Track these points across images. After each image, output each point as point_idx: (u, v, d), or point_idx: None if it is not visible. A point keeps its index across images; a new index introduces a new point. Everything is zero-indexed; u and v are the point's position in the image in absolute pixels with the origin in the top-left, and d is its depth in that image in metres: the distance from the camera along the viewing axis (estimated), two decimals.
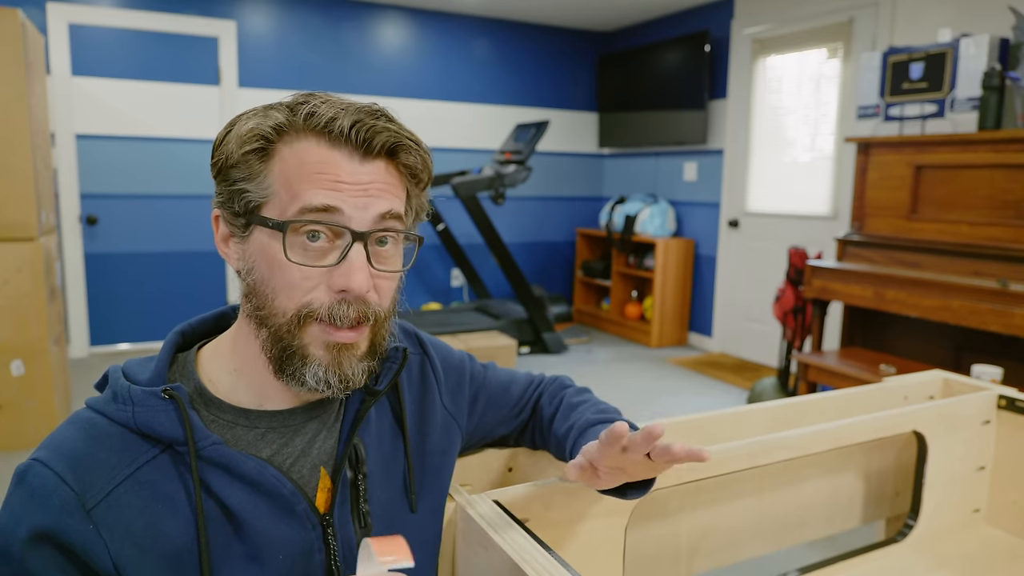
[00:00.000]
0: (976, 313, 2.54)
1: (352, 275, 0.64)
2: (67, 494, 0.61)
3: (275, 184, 0.65)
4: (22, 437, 2.94)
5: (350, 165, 0.65)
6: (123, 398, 0.66)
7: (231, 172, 0.66)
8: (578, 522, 0.86)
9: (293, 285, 0.65)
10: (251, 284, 0.68)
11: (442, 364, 0.88)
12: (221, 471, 0.66)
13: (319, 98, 0.67)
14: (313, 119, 0.65)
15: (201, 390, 0.70)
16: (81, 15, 4.21)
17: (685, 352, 5.00)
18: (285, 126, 0.66)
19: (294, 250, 0.64)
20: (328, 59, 4.90)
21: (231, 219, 0.68)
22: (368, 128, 0.65)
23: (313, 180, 0.64)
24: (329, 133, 0.65)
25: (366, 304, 0.67)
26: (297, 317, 0.66)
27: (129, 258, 4.50)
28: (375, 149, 0.66)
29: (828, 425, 1.05)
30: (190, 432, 0.65)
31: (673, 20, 5.19)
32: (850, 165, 3.82)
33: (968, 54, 2.74)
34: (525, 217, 5.78)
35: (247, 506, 0.66)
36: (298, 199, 0.64)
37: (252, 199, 0.66)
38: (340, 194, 0.64)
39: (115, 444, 0.65)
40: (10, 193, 2.85)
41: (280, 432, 0.71)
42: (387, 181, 0.67)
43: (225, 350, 0.73)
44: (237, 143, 0.66)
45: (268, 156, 0.66)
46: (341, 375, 0.67)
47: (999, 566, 1.18)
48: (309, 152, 0.65)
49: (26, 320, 2.91)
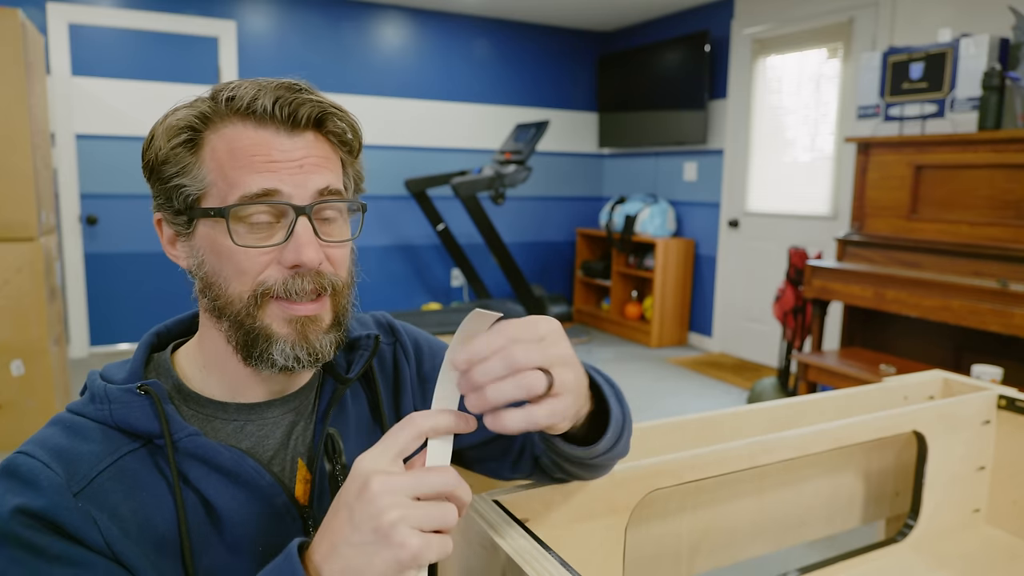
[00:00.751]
0: (976, 313, 2.54)
1: (302, 249, 0.64)
2: (54, 478, 0.61)
3: (210, 174, 0.65)
4: (22, 437, 2.92)
5: (279, 141, 0.65)
6: (100, 397, 0.66)
7: (164, 169, 0.66)
8: (578, 522, 0.86)
9: (244, 269, 0.65)
10: (203, 278, 0.68)
11: (415, 350, 0.85)
12: (199, 463, 0.66)
13: (235, 83, 0.67)
14: (234, 102, 0.65)
15: (179, 386, 0.71)
16: (81, 15, 4.21)
17: (685, 352, 5.00)
18: (209, 114, 0.66)
19: (240, 234, 0.64)
20: (328, 59, 4.90)
21: (173, 219, 0.68)
22: (291, 102, 0.65)
23: (247, 165, 0.64)
24: (253, 113, 0.64)
25: (321, 276, 0.67)
26: (254, 298, 0.65)
27: (129, 258, 4.50)
28: (301, 121, 0.65)
29: (828, 425, 1.04)
30: (165, 424, 0.65)
31: (673, 20, 5.19)
32: (850, 165, 3.82)
33: (968, 54, 2.74)
34: (525, 217, 5.78)
35: (225, 498, 0.66)
36: (236, 187, 0.64)
37: (190, 192, 0.66)
38: (276, 174, 0.64)
39: (96, 436, 0.65)
40: (10, 193, 2.85)
41: (258, 425, 0.72)
42: (319, 154, 0.67)
43: (194, 348, 0.73)
44: (164, 137, 0.66)
45: (197, 146, 0.66)
46: (309, 348, 0.67)
47: (999, 566, 1.18)
48: (238, 136, 0.65)
49: (26, 320, 2.91)
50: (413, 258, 5.43)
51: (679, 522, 1.06)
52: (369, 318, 0.85)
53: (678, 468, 0.91)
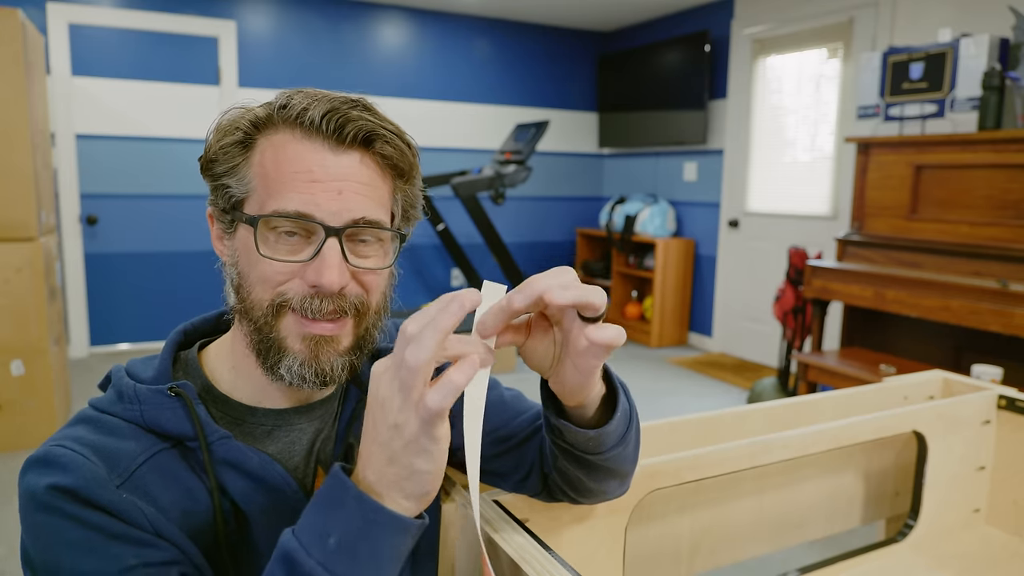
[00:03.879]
0: (976, 313, 2.54)
1: (324, 271, 0.63)
2: (95, 468, 0.60)
3: (254, 180, 0.65)
4: (22, 437, 2.94)
5: (323, 157, 0.63)
6: (129, 397, 0.66)
7: (214, 166, 0.67)
8: (578, 522, 0.86)
9: (266, 278, 0.65)
10: (235, 279, 0.68)
11: None
12: (228, 467, 0.66)
13: (299, 91, 0.66)
14: (287, 110, 0.64)
15: (209, 387, 0.71)
16: (81, 15, 4.21)
17: (685, 352, 5.00)
18: (263, 119, 0.66)
19: (268, 244, 0.64)
20: (328, 59, 4.90)
21: (220, 216, 0.69)
22: (340, 117, 0.63)
23: (288, 180, 0.63)
24: (302, 124, 0.64)
25: (343, 298, 0.66)
26: (272, 307, 0.65)
27: (129, 258, 4.50)
28: (347, 138, 0.64)
29: (828, 425, 1.05)
30: (200, 428, 0.65)
31: (673, 20, 5.19)
32: (850, 165, 3.82)
33: (968, 54, 2.74)
34: (525, 217, 5.78)
35: (251, 502, 0.66)
36: (273, 199, 0.64)
37: (234, 194, 0.66)
38: (313, 197, 0.63)
39: (129, 434, 0.65)
40: (10, 193, 2.85)
41: (285, 431, 0.72)
42: (362, 179, 0.65)
43: (225, 349, 0.73)
44: (217, 136, 0.66)
45: (247, 148, 0.66)
46: (317, 369, 0.66)
47: (999, 566, 1.18)
48: (285, 146, 0.64)
49: (26, 320, 2.91)
50: (413, 258, 5.44)
51: (679, 522, 1.06)
52: (393, 327, 0.85)
53: (678, 468, 0.91)
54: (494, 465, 0.82)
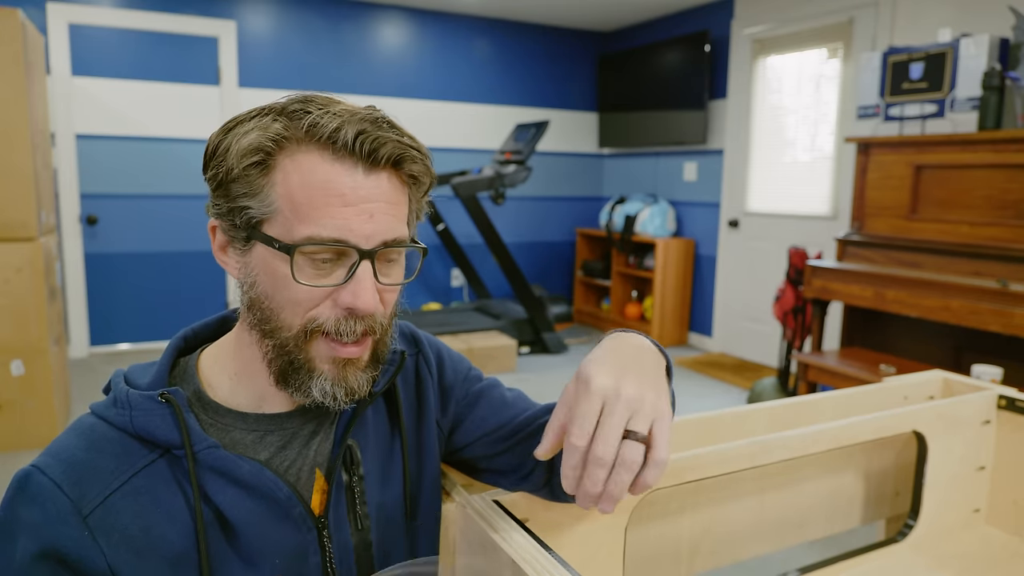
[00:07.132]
0: (976, 313, 2.54)
1: (360, 294, 0.64)
2: (63, 502, 0.61)
3: (278, 200, 0.63)
4: (22, 437, 2.94)
5: (353, 179, 0.63)
6: (122, 402, 0.66)
7: (232, 187, 0.64)
8: (578, 522, 0.86)
9: (299, 301, 0.64)
10: (253, 297, 0.67)
11: (436, 360, 0.85)
12: (216, 475, 0.66)
13: (317, 104, 0.64)
14: (316, 130, 0.62)
15: (199, 394, 0.70)
16: (81, 15, 4.21)
17: (685, 352, 5.00)
18: (285, 137, 0.63)
19: (301, 270, 0.63)
20: (328, 59, 4.90)
21: (230, 230, 0.67)
22: (373, 139, 0.62)
23: (320, 206, 0.62)
24: (333, 144, 0.62)
25: (372, 318, 0.66)
26: (304, 332, 0.65)
27: (129, 258, 4.50)
28: (381, 160, 0.63)
29: (828, 425, 1.04)
30: (186, 435, 0.65)
31: (673, 20, 5.19)
32: (850, 165, 3.82)
33: (968, 54, 2.74)
34: (525, 217, 5.78)
35: (242, 511, 0.66)
36: (305, 225, 0.62)
37: (254, 215, 0.64)
38: (346, 222, 0.62)
39: (114, 449, 0.65)
40: (10, 193, 2.85)
41: (279, 435, 0.71)
42: (389, 198, 0.65)
43: (226, 355, 0.73)
44: (237, 157, 0.63)
45: (269, 169, 0.63)
46: (347, 388, 0.67)
47: (999, 566, 1.18)
48: (313, 169, 0.62)
49: (26, 320, 2.91)
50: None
51: (679, 522, 1.06)
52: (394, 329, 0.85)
53: (678, 468, 0.91)
54: (495, 463, 0.83)
